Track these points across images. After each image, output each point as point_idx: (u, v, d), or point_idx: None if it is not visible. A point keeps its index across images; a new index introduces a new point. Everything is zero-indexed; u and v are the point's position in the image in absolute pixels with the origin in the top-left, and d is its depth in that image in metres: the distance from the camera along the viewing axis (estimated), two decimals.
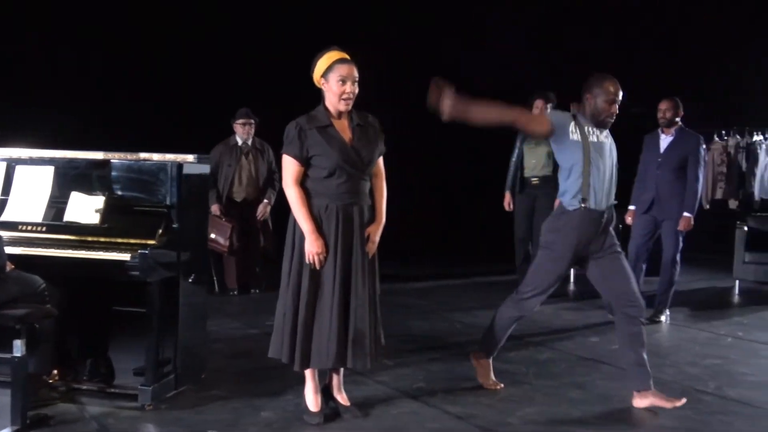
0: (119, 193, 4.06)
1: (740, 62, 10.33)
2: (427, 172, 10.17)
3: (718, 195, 9.69)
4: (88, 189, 4.06)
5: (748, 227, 7.93)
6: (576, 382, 4.55)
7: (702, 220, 10.27)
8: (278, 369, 4.11)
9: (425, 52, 9.63)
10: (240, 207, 6.90)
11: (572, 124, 4.05)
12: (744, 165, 9.43)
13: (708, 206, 9.76)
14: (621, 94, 4.06)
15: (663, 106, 6.09)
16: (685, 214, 5.98)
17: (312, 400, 3.85)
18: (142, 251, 3.77)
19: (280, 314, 3.79)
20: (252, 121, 6.88)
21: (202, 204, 4.26)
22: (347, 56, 3.77)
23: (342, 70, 3.71)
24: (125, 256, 3.79)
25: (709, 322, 6.37)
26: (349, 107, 3.78)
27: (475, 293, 7.37)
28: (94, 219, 3.98)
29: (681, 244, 6.11)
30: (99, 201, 4.01)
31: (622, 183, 6.25)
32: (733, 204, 9.70)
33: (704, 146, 6.14)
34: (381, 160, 3.94)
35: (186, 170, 4.04)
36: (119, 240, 3.95)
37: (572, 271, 8.42)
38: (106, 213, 3.99)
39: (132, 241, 3.92)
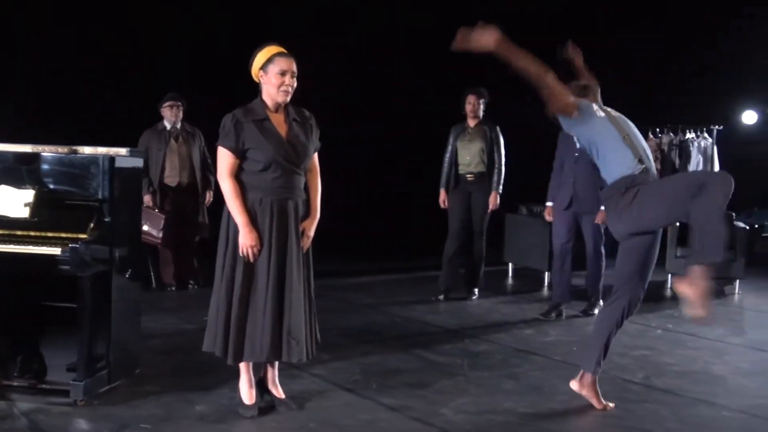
0: (50, 186, 3.99)
1: (674, 61, 10.65)
2: (363, 167, 10.18)
3: None
4: (18, 183, 3.98)
5: (680, 222, 8.15)
6: (509, 373, 4.65)
7: None
8: (213, 363, 4.11)
9: (363, 50, 9.70)
10: (175, 194, 6.76)
11: (594, 104, 4.04)
12: (677, 162, 9.70)
13: None
14: None
15: None
16: (602, 207, 5.99)
17: (246, 393, 3.87)
18: (73, 245, 3.73)
19: (214, 308, 3.80)
20: (179, 103, 6.75)
21: (135, 198, 4.22)
22: (285, 51, 3.80)
23: (282, 62, 3.74)
24: (56, 251, 3.74)
25: (640, 314, 6.50)
26: (287, 99, 3.80)
27: (414, 288, 7.44)
28: (24, 213, 3.91)
29: (602, 237, 6.21)
30: (29, 195, 3.94)
31: (545, 178, 6.45)
32: None
33: None
34: (316, 155, 3.98)
35: (118, 163, 4.00)
36: (50, 234, 3.89)
37: (510, 265, 8.60)
38: (36, 207, 3.92)
39: (63, 235, 3.87)
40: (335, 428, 3.68)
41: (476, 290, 6.98)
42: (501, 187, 6.70)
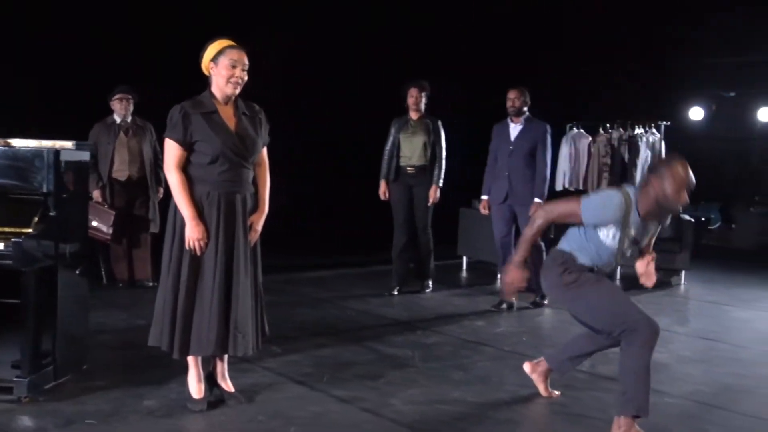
0: None
1: (624, 60, 10.86)
2: (314, 162, 10.17)
3: (603, 185, 10.11)
4: None
5: None
6: (459, 364, 4.71)
7: None
8: (163, 358, 4.06)
9: (306, 44, 9.69)
10: (124, 189, 6.61)
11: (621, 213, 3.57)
12: (626, 157, 9.88)
13: None
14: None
15: (512, 95, 6.20)
16: (536, 200, 6.10)
17: (195, 387, 3.85)
18: (16, 240, 3.67)
19: (160, 302, 3.77)
20: (129, 96, 6.59)
21: (81, 192, 4.16)
22: (237, 44, 3.79)
23: (233, 54, 3.73)
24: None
25: None
26: (236, 92, 3.78)
27: (369, 282, 7.46)
28: None
29: None
30: None
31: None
32: None
33: (550, 132, 6.25)
34: (265, 150, 3.98)
35: (64, 157, 3.94)
36: None
37: (465, 259, 8.68)
38: None
39: (7, 229, 3.79)
40: (284, 420, 3.68)
41: (429, 282, 6.98)
42: (442, 180, 6.65)
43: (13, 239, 3.68)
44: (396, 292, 6.78)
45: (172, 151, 3.70)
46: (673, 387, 4.37)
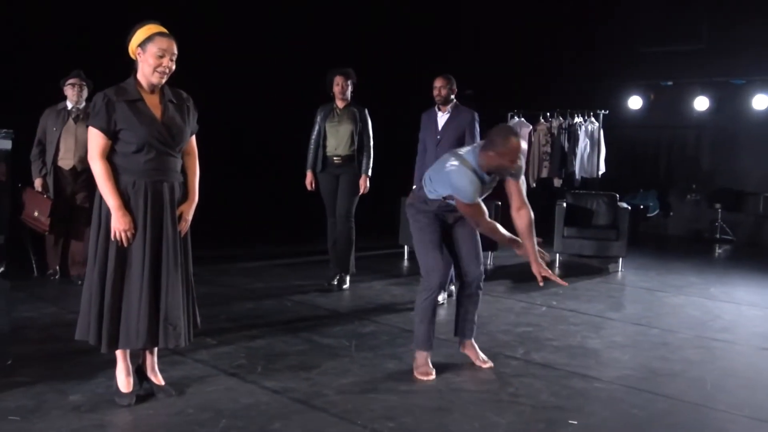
0: None
1: (564, 48, 11.00)
2: (243, 151, 10.09)
3: (544, 174, 10.26)
4: None
5: (567, 203, 8.45)
6: (393, 353, 4.71)
7: (528, 198, 10.93)
8: (91, 352, 4.00)
9: (236, 30, 9.56)
10: (66, 178, 6.29)
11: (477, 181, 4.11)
12: (566, 145, 10.03)
13: (534, 185, 10.33)
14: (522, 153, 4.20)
15: (438, 83, 6.02)
16: None
17: (123, 380, 3.78)
18: None
19: (87, 294, 3.67)
20: (83, 83, 6.33)
21: (2, 180, 4.03)
22: (167, 31, 3.70)
23: (162, 43, 3.63)
24: None
25: (527, 293, 6.75)
26: (163, 81, 3.70)
27: (307, 272, 7.42)
28: None
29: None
30: None
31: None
32: (557, 182, 10.30)
33: (478, 120, 6.13)
34: (194, 138, 3.91)
35: None
36: None
37: (406, 248, 8.69)
38: None
39: None
40: (214, 412, 3.64)
41: (347, 278, 6.69)
42: (371, 170, 6.51)
43: None
44: (335, 283, 6.70)
45: (95, 140, 3.60)
46: (601, 372, 4.45)
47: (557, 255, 8.38)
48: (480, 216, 4.16)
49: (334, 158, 6.50)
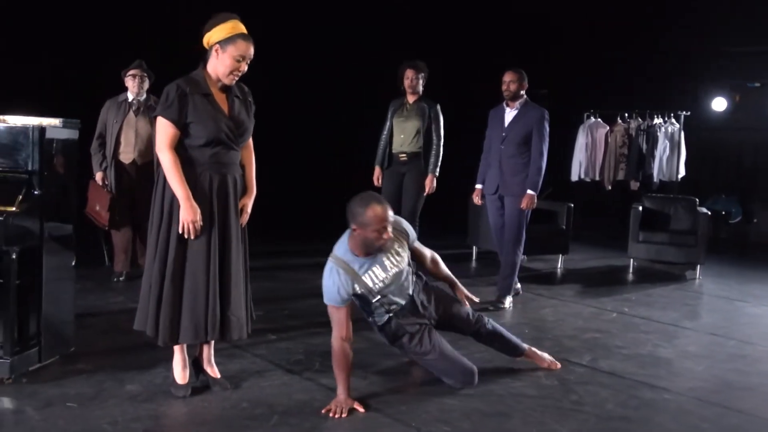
0: None
1: (643, 47, 10.61)
2: (310, 146, 9.92)
3: (620, 176, 9.93)
4: None
5: (643, 207, 8.14)
6: None
7: (604, 201, 10.62)
8: (152, 343, 3.98)
9: (304, 22, 9.48)
10: (127, 173, 6.16)
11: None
12: (644, 147, 9.68)
13: (610, 187, 10.02)
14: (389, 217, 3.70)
15: (507, 77, 5.75)
16: (529, 191, 5.71)
17: (180, 372, 3.78)
18: None
19: (146, 286, 3.69)
20: (144, 74, 6.14)
21: (69, 170, 4.08)
22: (247, 33, 3.66)
23: (243, 48, 3.61)
24: None
25: (597, 298, 6.52)
26: (233, 83, 3.71)
27: None
28: None
29: (524, 224, 5.89)
30: None
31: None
32: (634, 185, 9.96)
33: (548, 119, 5.76)
34: None
35: (50, 134, 3.89)
36: None
37: (474, 249, 8.53)
38: None
39: None
40: (267, 407, 3.60)
41: None
42: (438, 169, 6.24)
43: None
44: None
45: (165, 130, 3.58)
46: (672, 383, 4.22)
47: (631, 260, 8.08)
48: (335, 325, 3.70)
49: (400, 155, 6.28)
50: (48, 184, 3.88)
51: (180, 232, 3.57)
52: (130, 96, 6.20)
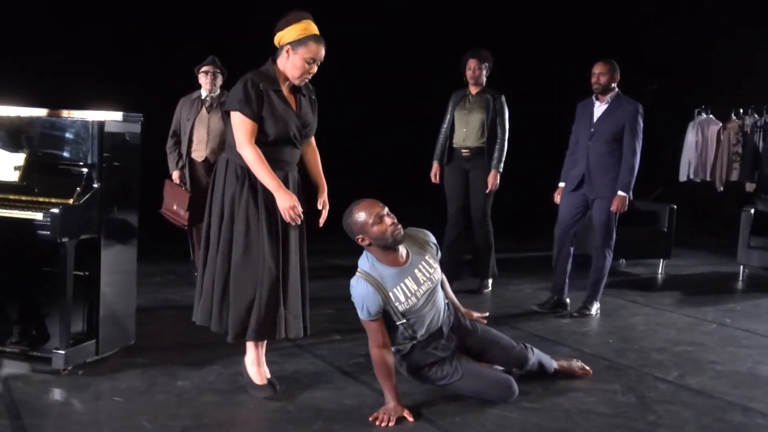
0: (41, 150, 3.91)
1: (760, 41, 9.79)
2: (356, 141, 9.15)
3: (734, 177, 9.23)
4: (12, 146, 3.92)
5: (756, 210, 7.50)
6: None
7: (715, 203, 9.88)
8: (215, 338, 3.91)
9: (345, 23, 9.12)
10: (200, 171, 6.03)
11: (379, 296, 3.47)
12: (761, 145, 8.94)
13: (722, 188, 9.33)
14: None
15: (597, 69, 5.32)
16: (620, 192, 5.26)
17: (255, 372, 3.67)
18: (52, 210, 3.62)
19: (209, 281, 3.61)
20: (217, 70, 5.97)
21: (130, 165, 4.06)
22: (319, 34, 3.56)
23: (314, 50, 3.51)
24: (38, 215, 3.65)
25: (697, 307, 6.02)
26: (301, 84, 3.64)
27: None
28: (14, 177, 3.85)
29: (614, 227, 5.45)
30: (20, 158, 3.87)
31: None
32: (749, 187, 9.22)
33: (642, 114, 5.36)
34: None
35: (110, 128, 3.88)
36: (41, 199, 3.81)
37: None
38: (27, 171, 3.86)
39: (53, 200, 3.78)
40: (313, 413, 3.44)
41: (489, 282, 6.16)
42: (502, 165, 5.87)
43: (51, 210, 3.63)
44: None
45: (244, 126, 3.48)
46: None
47: (741, 267, 7.45)
48: (370, 335, 3.49)
49: (462, 150, 5.91)
50: (107, 177, 3.87)
51: (287, 221, 3.50)
52: (203, 93, 6.07)
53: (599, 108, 5.40)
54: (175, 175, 6.06)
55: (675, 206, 7.64)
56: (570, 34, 9.70)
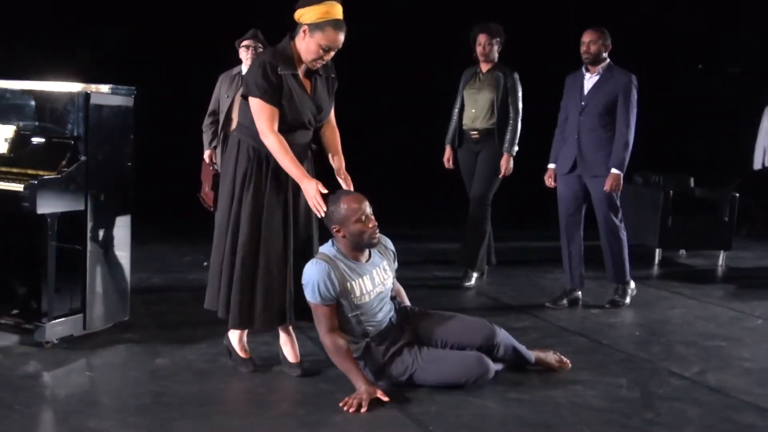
0: (31, 123, 3.90)
1: None
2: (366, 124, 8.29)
3: None
4: (2, 119, 3.93)
5: None
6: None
7: None
8: (217, 320, 3.81)
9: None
10: None
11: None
12: None
13: None
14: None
15: (586, 37, 4.85)
16: (613, 170, 4.81)
17: (239, 348, 3.62)
18: (31, 182, 3.59)
19: (216, 265, 3.54)
20: (259, 44, 5.45)
21: (120, 138, 4.00)
22: (342, 18, 3.38)
23: (332, 37, 3.34)
24: (20, 187, 3.63)
25: (747, 301, 5.53)
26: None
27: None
28: (3, 149, 3.85)
29: (618, 207, 4.98)
30: (10, 131, 3.87)
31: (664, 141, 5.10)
32: None
33: (636, 86, 4.85)
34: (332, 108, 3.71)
35: (96, 101, 3.83)
36: (30, 171, 3.79)
37: None
38: (18, 144, 3.86)
39: (41, 173, 3.75)
40: (283, 395, 3.32)
41: (473, 275, 5.61)
42: (515, 147, 5.43)
43: (30, 181, 3.61)
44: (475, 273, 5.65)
45: (266, 112, 3.35)
46: None
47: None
48: (319, 321, 3.33)
49: (472, 132, 5.50)
50: (94, 150, 3.83)
51: (314, 211, 3.38)
52: (244, 69, 5.53)
53: (590, 80, 4.93)
54: (207, 154, 5.64)
55: (737, 194, 7.10)
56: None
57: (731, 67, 9.81)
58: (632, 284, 5.20)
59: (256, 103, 3.36)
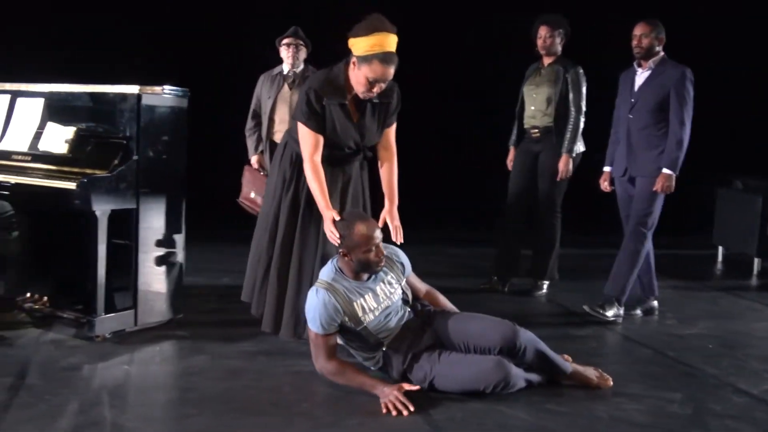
0: (88, 124, 4.06)
1: None
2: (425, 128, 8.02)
3: None
4: (62, 120, 4.10)
5: None
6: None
7: None
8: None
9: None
10: None
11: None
12: None
13: None
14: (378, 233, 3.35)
15: (638, 30, 4.52)
16: (664, 170, 4.44)
17: None
18: (83, 180, 3.73)
19: (255, 257, 3.83)
20: (300, 42, 5.33)
21: (172, 138, 4.08)
22: (393, 51, 3.39)
23: (379, 72, 3.38)
24: (72, 185, 3.77)
25: None
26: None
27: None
28: (64, 149, 4.02)
29: (655, 212, 4.56)
30: (70, 132, 4.04)
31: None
32: None
33: (692, 80, 4.47)
34: (393, 130, 3.74)
35: (148, 101, 3.93)
36: (87, 171, 3.94)
37: (720, 250, 7.19)
38: (76, 144, 4.02)
39: (96, 172, 3.89)
40: (305, 394, 3.25)
41: (544, 284, 5.30)
42: (579, 148, 5.12)
43: (81, 180, 3.74)
44: (500, 286, 5.34)
45: (309, 139, 3.54)
46: None
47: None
48: (317, 351, 3.27)
49: (532, 131, 5.17)
50: (146, 149, 3.93)
51: (330, 239, 3.45)
52: (286, 68, 5.42)
53: (641, 75, 4.59)
54: (254, 159, 5.49)
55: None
56: None
57: None
58: (621, 310, 4.66)
59: (301, 128, 3.54)
